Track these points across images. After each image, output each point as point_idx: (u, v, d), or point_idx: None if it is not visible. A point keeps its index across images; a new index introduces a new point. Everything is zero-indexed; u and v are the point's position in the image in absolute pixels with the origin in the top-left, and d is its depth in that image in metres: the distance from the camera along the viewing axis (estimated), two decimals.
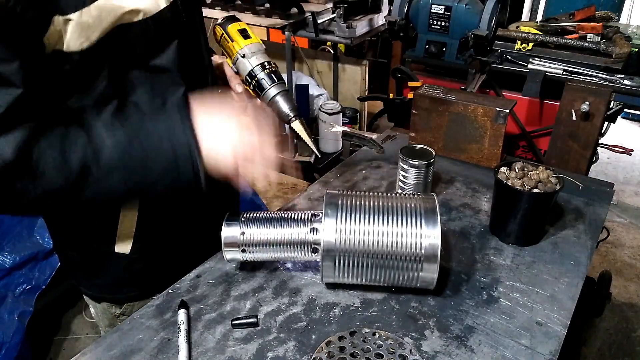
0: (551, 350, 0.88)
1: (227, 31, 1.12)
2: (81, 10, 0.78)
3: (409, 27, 2.29)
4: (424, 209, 0.95)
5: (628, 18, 4.16)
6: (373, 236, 0.93)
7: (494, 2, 2.00)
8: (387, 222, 0.94)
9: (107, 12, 0.81)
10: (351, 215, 0.95)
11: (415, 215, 0.94)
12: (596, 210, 1.28)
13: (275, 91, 1.07)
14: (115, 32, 0.84)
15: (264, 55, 1.11)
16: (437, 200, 0.97)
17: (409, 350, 0.87)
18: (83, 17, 0.79)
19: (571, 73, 2.12)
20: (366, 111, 3.59)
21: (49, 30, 0.77)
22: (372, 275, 0.96)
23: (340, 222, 0.94)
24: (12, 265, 2.06)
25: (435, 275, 0.94)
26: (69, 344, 2.30)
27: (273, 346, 0.89)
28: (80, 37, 0.80)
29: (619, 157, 3.70)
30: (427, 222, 0.93)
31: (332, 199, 0.98)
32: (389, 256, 0.93)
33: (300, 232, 0.99)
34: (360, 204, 0.96)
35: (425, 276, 0.94)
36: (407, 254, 0.93)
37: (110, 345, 0.90)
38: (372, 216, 0.94)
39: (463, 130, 1.46)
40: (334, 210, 0.95)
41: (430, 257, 0.92)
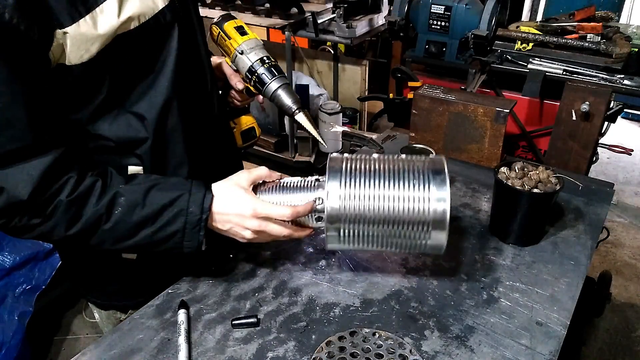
0: (551, 350, 0.88)
1: (224, 29, 1.11)
2: (77, 21, 0.78)
3: (409, 27, 2.29)
4: (432, 170, 0.90)
5: (628, 18, 4.16)
6: (378, 201, 0.88)
7: (494, 2, 2.00)
8: (393, 185, 0.89)
9: (102, 23, 0.81)
10: (355, 179, 0.90)
11: (422, 177, 0.89)
12: (596, 210, 1.28)
13: (277, 85, 1.06)
14: (115, 42, 0.83)
15: (262, 50, 1.10)
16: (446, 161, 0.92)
17: (409, 350, 0.87)
18: (81, 28, 0.79)
19: (571, 73, 2.12)
20: (366, 111, 3.58)
21: (53, 44, 0.78)
22: (378, 242, 0.93)
23: (345, 187, 0.89)
24: (12, 265, 2.06)
25: (444, 241, 0.90)
26: (69, 344, 2.30)
27: (273, 346, 0.89)
28: (80, 50, 0.80)
29: (619, 157, 3.70)
30: (435, 184, 0.88)
31: (334, 163, 0.93)
32: (395, 222, 0.89)
33: (304, 197, 0.95)
34: (365, 168, 0.92)
35: (433, 243, 0.91)
36: (414, 219, 0.88)
37: (110, 345, 0.90)
38: (377, 180, 0.89)
39: (463, 130, 1.46)
40: (337, 175, 0.91)
41: (438, 222, 0.88)
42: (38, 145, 0.79)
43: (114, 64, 0.85)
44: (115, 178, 0.87)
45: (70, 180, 0.82)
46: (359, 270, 1.08)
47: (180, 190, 0.88)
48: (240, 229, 0.92)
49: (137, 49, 0.88)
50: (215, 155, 1.12)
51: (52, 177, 0.80)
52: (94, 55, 0.82)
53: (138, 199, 0.85)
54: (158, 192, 0.87)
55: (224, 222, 0.91)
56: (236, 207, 0.90)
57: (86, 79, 0.84)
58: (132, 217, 0.85)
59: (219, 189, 0.91)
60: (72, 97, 0.86)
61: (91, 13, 0.79)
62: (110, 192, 0.84)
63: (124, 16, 0.82)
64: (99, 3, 0.80)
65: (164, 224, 0.87)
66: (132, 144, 0.94)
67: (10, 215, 0.80)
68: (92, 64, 0.82)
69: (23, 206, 0.79)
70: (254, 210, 0.90)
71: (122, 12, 0.82)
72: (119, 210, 0.84)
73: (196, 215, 0.87)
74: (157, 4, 0.88)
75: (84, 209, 0.83)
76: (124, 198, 0.85)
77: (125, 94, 0.91)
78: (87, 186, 0.83)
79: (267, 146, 3.29)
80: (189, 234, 0.88)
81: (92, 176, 0.84)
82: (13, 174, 0.77)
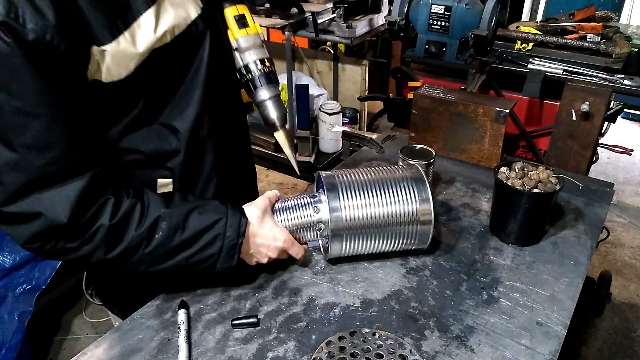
0: (551, 350, 0.88)
1: (224, 14, 1.01)
2: (117, 38, 0.77)
3: (409, 27, 2.28)
4: (412, 178, 1.04)
5: (628, 18, 4.16)
6: (373, 208, 1.01)
7: (494, 2, 1.99)
8: (382, 194, 1.02)
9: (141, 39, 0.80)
10: (350, 191, 1.01)
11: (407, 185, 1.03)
12: (596, 210, 1.28)
13: (267, 95, 1.02)
14: (151, 57, 0.82)
15: (260, 50, 1.02)
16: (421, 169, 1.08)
17: (409, 351, 0.87)
18: (120, 45, 0.78)
19: (571, 73, 2.11)
20: (366, 111, 3.58)
21: (90, 62, 0.77)
22: (374, 244, 1.04)
23: (342, 199, 1.00)
24: (12, 265, 2.06)
25: (430, 235, 1.05)
26: (69, 344, 2.30)
27: (273, 346, 0.89)
28: (119, 68, 0.79)
29: (619, 157, 3.70)
30: (417, 189, 1.03)
31: (329, 179, 1.03)
32: (389, 224, 1.01)
33: (304, 214, 1.01)
34: (355, 180, 1.03)
35: (421, 236, 1.05)
36: (404, 220, 1.02)
37: (110, 345, 0.90)
38: (368, 191, 1.02)
39: (463, 130, 1.46)
40: (334, 189, 1.01)
41: (425, 220, 1.03)
42: (76, 166, 0.78)
43: (149, 78, 0.85)
44: (154, 200, 0.86)
45: (108, 202, 0.81)
46: (358, 270, 1.08)
47: (218, 214, 0.89)
48: (263, 256, 0.97)
49: (172, 62, 0.87)
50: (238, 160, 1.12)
51: (90, 198, 0.79)
52: (132, 71, 0.81)
53: (179, 224, 0.86)
54: (197, 215, 0.88)
55: (253, 247, 0.95)
56: (267, 237, 0.95)
57: (121, 95, 0.83)
58: (173, 241, 0.86)
59: (253, 215, 0.95)
60: (106, 112, 0.85)
61: (130, 28, 0.79)
62: (152, 216, 0.84)
63: (160, 30, 0.82)
64: (137, 17, 0.79)
65: (202, 247, 0.88)
66: (163, 156, 0.93)
67: (46, 239, 0.79)
68: (128, 80, 0.81)
69: (62, 230, 0.78)
70: (284, 242, 0.97)
71: (158, 25, 0.81)
72: (159, 235, 0.85)
73: (233, 239, 0.89)
74: (190, 14, 0.87)
75: (126, 233, 0.82)
76: (166, 222, 0.85)
77: (159, 107, 0.90)
78: (127, 209, 0.82)
79: (267, 146, 3.30)
80: (224, 257, 0.90)
81: (130, 198, 0.84)
82: (50, 197, 0.76)
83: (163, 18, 0.82)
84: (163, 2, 0.84)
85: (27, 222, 0.77)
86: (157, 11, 0.82)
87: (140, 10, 0.80)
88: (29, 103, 0.72)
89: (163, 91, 0.89)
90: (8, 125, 0.73)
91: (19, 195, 0.76)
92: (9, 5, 0.68)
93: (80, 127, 0.79)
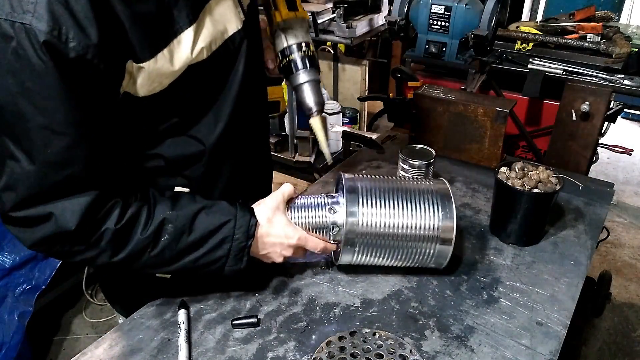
0: (551, 350, 0.88)
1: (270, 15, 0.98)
2: (156, 56, 0.76)
3: (409, 27, 2.28)
4: (437, 193, 0.99)
5: (628, 18, 4.16)
6: (391, 219, 0.96)
7: (494, 2, 1.99)
8: (404, 205, 0.97)
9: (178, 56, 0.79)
10: (370, 197, 0.96)
11: (431, 198, 0.98)
12: (596, 210, 1.28)
13: (305, 78, 0.97)
14: (186, 73, 0.81)
15: (304, 34, 0.99)
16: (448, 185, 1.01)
17: (409, 351, 0.87)
18: (158, 63, 0.77)
19: (571, 73, 2.11)
20: (366, 111, 3.58)
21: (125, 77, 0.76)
22: (388, 257, 0.99)
23: (362, 205, 0.96)
24: (12, 265, 2.06)
25: (449, 255, 0.99)
26: (69, 344, 2.30)
27: (273, 346, 0.89)
28: (153, 84, 0.79)
29: (619, 157, 3.70)
30: (442, 205, 0.97)
31: (350, 181, 0.99)
32: (407, 237, 0.96)
33: (319, 214, 0.98)
34: (377, 186, 0.98)
35: (439, 256, 0.99)
36: (424, 235, 0.96)
37: (110, 345, 0.90)
38: (389, 200, 0.97)
39: (463, 130, 1.46)
40: (354, 192, 0.96)
41: (446, 239, 0.97)
42: (91, 182, 0.78)
43: (183, 94, 0.84)
44: (160, 203, 0.85)
45: (116, 207, 0.80)
46: (358, 270, 1.07)
47: (226, 216, 0.88)
48: (277, 255, 0.95)
49: (206, 78, 0.86)
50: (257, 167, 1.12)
51: (100, 206, 0.79)
52: (165, 87, 0.80)
53: (185, 226, 0.85)
54: (204, 217, 0.86)
55: (265, 247, 0.93)
56: (279, 236, 0.93)
57: (153, 108, 0.83)
58: (179, 244, 0.85)
59: (262, 216, 0.92)
60: (136, 124, 0.84)
61: (169, 45, 0.78)
62: (157, 219, 0.83)
63: (198, 48, 0.81)
64: (178, 34, 0.78)
65: (209, 250, 0.87)
66: (184, 163, 0.93)
67: (53, 243, 0.79)
68: (161, 95, 0.81)
69: (69, 236, 0.78)
70: (298, 239, 0.94)
71: (197, 42, 0.80)
72: (165, 238, 0.84)
73: (242, 242, 0.88)
74: (229, 29, 0.86)
75: (131, 236, 0.82)
76: (172, 225, 0.84)
77: (191, 121, 0.89)
78: (133, 213, 0.81)
79: None
80: (233, 259, 0.89)
81: (137, 201, 0.83)
82: (60, 206, 0.76)
83: (202, 35, 0.81)
84: (205, 17, 0.82)
85: (34, 226, 0.77)
86: (197, 27, 0.80)
87: (182, 27, 0.78)
88: (55, 121, 0.72)
89: (196, 106, 0.88)
90: (32, 139, 0.72)
91: (29, 203, 0.76)
92: (54, 23, 0.67)
93: (103, 144, 0.78)
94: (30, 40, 0.66)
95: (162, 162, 0.91)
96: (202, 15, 0.81)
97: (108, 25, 0.71)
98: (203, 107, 0.89)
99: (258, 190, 1.10)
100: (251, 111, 1.00)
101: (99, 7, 0.69)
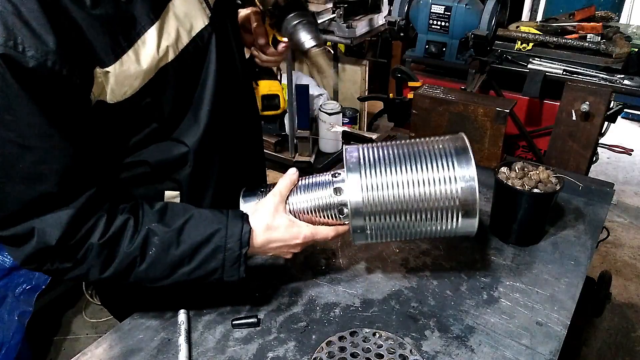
0: (551, 350, 0.88)
1: None
2: (121, 58, 0.75)
3: (409, 27, 2.28)
4: (454, 148, 0.87)
5: (628, 18, 4.16)
6: (403, 189, 0.85)
7: (494, 2, 1.99)
8: (415, 170, 0.85)
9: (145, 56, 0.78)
10: (375, 169, 0.87)
11: (445, 157, 0.86)
12: (596, 210, 1.28)
13: (296, 19, 0.94)
14: (156, 75, 0.80)
15: None
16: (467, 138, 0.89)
17: (409, 351, 0.87)
18: (124, 65, 0.76)
19: (571, 73, 2.11)
20: (366, 111, 3.58)
21: (93, 85, 0.75)
22: (407, 231, 0.89)
23: (365, 177, 0.86)
24: (12, 265, 2.06)
25: (475, 222, 0.87)
26: (69, 344, 2.30)
27: (273, 346, 0.89)
28: (123, 87, 0.77)
29: (619, 157, 3.69)
30: (459, 162, 0.85)
31: (351, 153, 0.90)
32: (423, 208, 0.86)
33: (323, 195, 0.90)
34: (382, 155, 0.88)
35: (465, 224, 0.87)
36: (442, 204, 0.85)
37: (110, 345, 0.90)
38: (398, 166, 0.86)
39: (463, 130, 1.46)
40: (356, 167, 0.87)
41: (468, 202, 0.85)
42: (69, 195, 0.76)
43: (157, 96, 0.83)
44: (147, 214, 0.82)
45: (100, 221, 0.78)
46: (358, 270, 1.08)
47: (215, 225, 0.84)
48: (285, 254, 0.93)
49: (178, 78, 0.84)
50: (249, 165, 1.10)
51: (82, 220, 0.77)
52: (137, 90, 0.79)
53: (172, 238, 0.81)
54: (192, 228, 0.83)
55: (271, 252, 0.91)
56: (284, 239, 0.89)
57: (129, 114, 0.81)
58: (167, 257, 0.82)
59: (261, 223, 0.88)
60: (114, 132, 0.83)
61: (134, 46, 0.77)
62: (143, 232, 0.80)
63: (163, 46, 0.80)
64: (141, 34, 0.77)
65: (202, 262, 0.83)
66: (170, 167, 0.91)
67: (40, 260, 0.78)
68: (134, 98, 0.79)
69: (52, 251, 0.76)
70: (304, 238, 0.90)
71: (161, 41, 0.79)
72: (153, 251, 0.81)
73: (235, 251, 0.84)
74: (195, 26, 0.85)
75: (117, 250, 0.79)
76: (157, 237, 0.81)
77: (170, 125, 0.88)
78: (118, 226, 0.79)
79: (267, 146, 3.29)
80: (229, 270, 0.85)
81: (123, 214, 0.81)
82: (41, 222, 0.74)
83: (166, 33, 0.81)
84: (167, 16, 0.81)
85: (22, 245, 0.76)
86: (160, 26, 0.80)
87: (144, 27, 0.78)
88: (21, 135, 0.70)
89: (172, 108, 0.87)
90: (3, 154, 0.70)
91: (13, 221, 0.74)
92: (7, 34, 0.65)
93: (78, 154, 0.76)
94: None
95: (147, 168, 0.89)
96: (165, 14, 0.81)
97: (65, 30, 0.69)
98: (180, 108, 0.88)
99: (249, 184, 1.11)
100: (234, 107, 0.99)
101: (53, 13, 0.68)
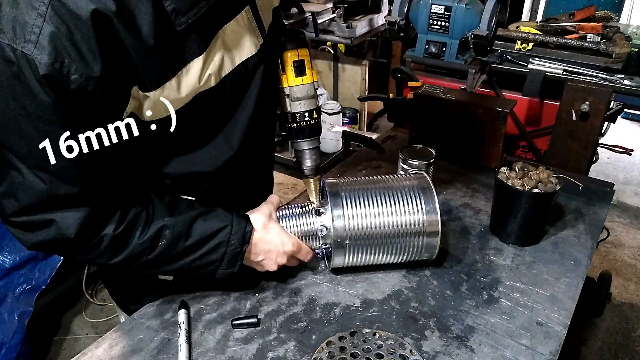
0: (551, 350, 0.88)
1: (282, 56, 0.95)
2: (163, 86, 0.76)
3: (409, 27, 2.28)
4: (419, 187, 1.02)
5: (628, 18, 4.15)
6: (377, 218, 0.98)
7: (494, 2, 1.99)
8: (388, 203, 0.99)
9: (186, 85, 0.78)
10: (354, 200, 0.99)
11: (413, 194, 1.01)
12: (596, 210, 1.28)
13: (307, 146, 1.02)
14: (194, 99, 0.81)
15: (311, 101, 0.98)
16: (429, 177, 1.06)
17: (409, 351, 0.87)
18: (164, 92, 0.76)
19: (571, 73, 2.11)
20: (366, 111, 3.58)
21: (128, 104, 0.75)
22: (378, 255, 1.01)
23: (346, 208, 0.98)
24: (12, 265, 2.06)
25: (437, 246, 1.02)
26: (69, 344, 2.30)
27: (273, 346, 0.89)
28: (159, 110, 0.78)
29: (619, 157, 3.69)
30: (424, 199, 1.00)
31: (333, 187, 1.01)
32: (394, 235, 0.99)
33: (307, 222, 1.00)
34: (359, 188, 1.01)
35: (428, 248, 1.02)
36: (410, 231, 0.99)
37: (110, 345, 0.90)
38: (373, 199, 0.99)
39: (463, 130, 1.46)
40: (338, 198, 0.99)
41: (432, 231, 1.00)
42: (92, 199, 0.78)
43: (191, 119, 0.83)
44: (159, 209, 0.86)
45: (115, 214, 0.81)
46: (358, 270, 1.07)
47: (223, 222, 0.89)
48: (272, 262, 0.96)
49: (214, 104, 0.85)
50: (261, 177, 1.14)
51: (100, 216, 0.80)
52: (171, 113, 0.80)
53: (183, 232, 0.86)
54: (202, 223, 0.88)
55: (261, 254, 0.95)
56: (275, 242, 0.95)
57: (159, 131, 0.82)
58: (176, 248, 0.86)
59: (258, 222, 0.94)
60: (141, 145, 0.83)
61: (177, 74, 0.77)
62: (156, 225, 0.84)
63: (206, 75, 0.80)
64: (187, 63, 0.77)
65: (205, 253, 0.88)
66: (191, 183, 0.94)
67: (54, 248, 0.81)
68: (168, 120, 0.80)
69: (69, 242, 0.78)
70: (292, 245, 0.96)
71: (205, 70, 0.79)
72: (163, 243, 0.85)
73: (237, 247, 0.90)
74: (241, 55, 0.85)
75: (129, 240, 0.83)
76: (169, 231, 0.85)
77: (198, 143, 0.89)
78: (131, 219, 0.82)
79: None
80: (227, 263, 0.90)
81: (135, 206, 0.84)
82: (61, 215, 0.77)
83: (211, 61, 0.80)
84: (216, 44, 0.80)
85: (36, 231, 0.78)
86: (206, 56, 0.79)
87: (191, 56, 0.77)
88: (55, 143, 0.71)
89: (204, 130, 0.88)
90: (34, 156, 0.72)
91: (31, 211, 0.76)
92: (56, 55, 0.65)
93: (104, 164, 0.78)
94: (31, 69, 0.65)
95: (168, 180, 0.92)
96: (214, 43, 0.80)
97: (113, 58, 0.69)
98: (211, 131, 0.90)
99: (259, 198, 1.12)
100: (263, 132, 1.01)
101: (106, 40, 0.68)
